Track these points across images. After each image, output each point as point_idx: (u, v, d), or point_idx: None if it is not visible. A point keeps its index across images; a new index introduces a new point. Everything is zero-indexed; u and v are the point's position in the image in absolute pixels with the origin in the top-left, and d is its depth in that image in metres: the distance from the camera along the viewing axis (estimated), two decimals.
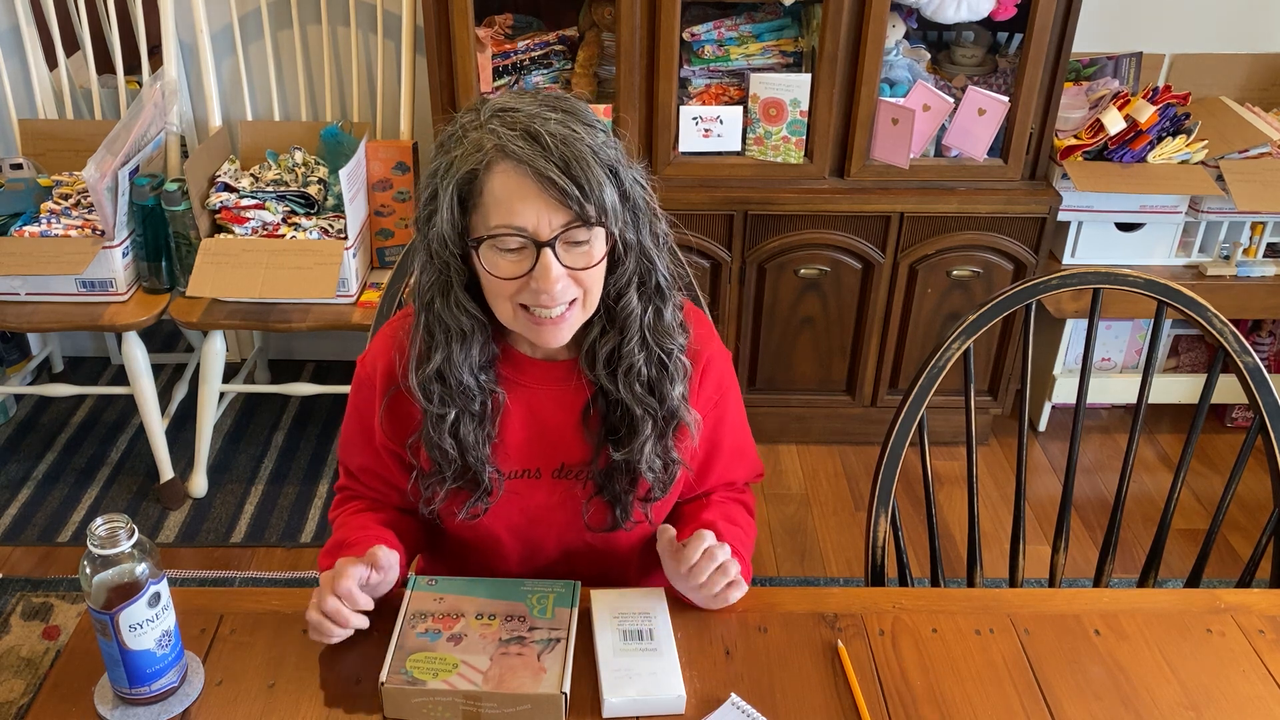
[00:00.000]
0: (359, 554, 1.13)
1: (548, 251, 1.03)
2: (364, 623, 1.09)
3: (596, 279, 1.09)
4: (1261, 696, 1.09)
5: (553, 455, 1.20)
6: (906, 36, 2.34)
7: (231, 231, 2.27)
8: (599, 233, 1.05)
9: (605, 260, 1.09)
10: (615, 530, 1.21)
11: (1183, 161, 2.35)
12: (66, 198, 2.35)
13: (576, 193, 1.00)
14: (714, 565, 1.12)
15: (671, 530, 1.18)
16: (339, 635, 1.09)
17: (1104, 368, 2.73)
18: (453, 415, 1.13)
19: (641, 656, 1.09)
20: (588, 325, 1.15)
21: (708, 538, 1.13)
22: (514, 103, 1.04)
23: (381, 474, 1.25)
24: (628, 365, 1.14)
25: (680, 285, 1.19)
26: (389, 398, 1.18)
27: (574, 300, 1.08)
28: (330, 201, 2.35)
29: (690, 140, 2.32)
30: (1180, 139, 2.34)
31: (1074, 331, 2.62)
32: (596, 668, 1.08)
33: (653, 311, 1.14)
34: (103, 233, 2.21)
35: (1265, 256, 2.48)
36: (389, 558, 1.11)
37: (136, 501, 2.47)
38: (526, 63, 2.31)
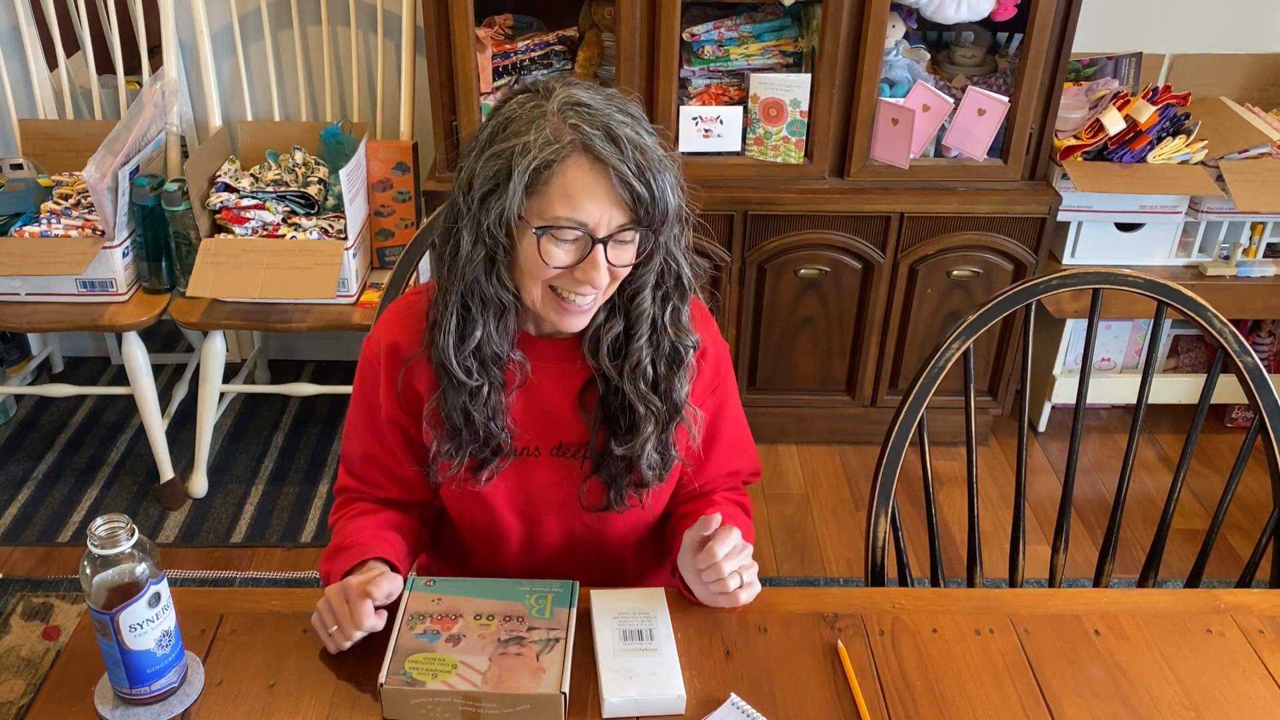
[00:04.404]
0: (362, 557, 1.16)
1: (600, 247, 1.06)
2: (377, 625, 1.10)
3: (625, 274, 1.12)
4: (1261, 696, 1.09)
5: (551, 433, 1.22)
6: (906, 36, 2.34)
7: (231, 231, 2.27)
8: (642, 233, 1.08)
9: None
10: (609, 510, 1.23)
11: (1182, 162, 2.35)
12: (66, 198, 2.35)
13: (648, 198, 1.04)
14: (737, 563, 1.13)
15: (717, 520, 1.15)
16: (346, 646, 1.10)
17: (1104, 368, 2.73)
18: (487, 388, 1.15)
19: (641, 656, 1.08)
20: None
21: (735, 534, 1.13)
22: (583, 96, 1.06)
23: (384, 462, 1.26)
24: (635, 361, 1.16)
25: (698, 285, 1.21)
26: (405, 367, 1.19)
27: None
28: (330, 201, 2.35)
29: (690, 140, 2.32)
30: (1180, 139, 2.34)
31: (1074, 331, 2.62)
32: (596, 668, 1.08)
33: (671, 310, 1.16)
34: (103, 233, 2.21)
35: (1265, 256, 2.48)
36: (392, 585, 1.11)
37: (136, 501, 2.47)
38: (526, 63, 2.31)
